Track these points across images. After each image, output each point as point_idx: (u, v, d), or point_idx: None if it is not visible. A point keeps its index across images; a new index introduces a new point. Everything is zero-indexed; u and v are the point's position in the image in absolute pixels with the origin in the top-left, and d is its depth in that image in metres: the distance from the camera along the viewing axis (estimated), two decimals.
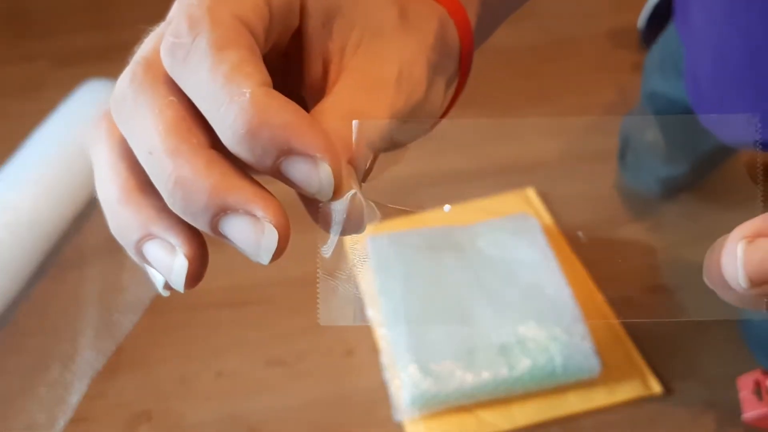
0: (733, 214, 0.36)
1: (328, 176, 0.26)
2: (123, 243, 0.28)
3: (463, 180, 1.07)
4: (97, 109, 0.30)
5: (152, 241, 0.27)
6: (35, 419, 0.81)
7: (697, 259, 0.30)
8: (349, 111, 0.28)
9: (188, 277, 0.27)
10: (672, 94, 0.89)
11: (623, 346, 0.83)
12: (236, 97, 0.24)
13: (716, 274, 0.26)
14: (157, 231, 0.27)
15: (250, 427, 0.79)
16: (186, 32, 0.26)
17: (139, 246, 0.27)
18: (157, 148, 0.25)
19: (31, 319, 0.92)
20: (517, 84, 1.25)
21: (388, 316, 0.84)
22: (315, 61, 0.30)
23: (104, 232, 0.29)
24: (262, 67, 0.26)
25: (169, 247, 0.27)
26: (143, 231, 0.27)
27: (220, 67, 0.25)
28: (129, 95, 0.26)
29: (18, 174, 0.97)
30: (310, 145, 0.25)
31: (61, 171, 0.99)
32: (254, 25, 0.27)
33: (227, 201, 0.25)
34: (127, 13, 1.56)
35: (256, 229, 0.26)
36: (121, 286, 0.96)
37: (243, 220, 0.25)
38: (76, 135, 1.03)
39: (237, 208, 0.25)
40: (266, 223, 0.25)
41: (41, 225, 0.95)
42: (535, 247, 0.89)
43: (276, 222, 0.26)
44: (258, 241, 0.26)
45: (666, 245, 0.96)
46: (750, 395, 0.71)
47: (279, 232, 0.26)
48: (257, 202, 0.25)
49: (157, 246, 0.27)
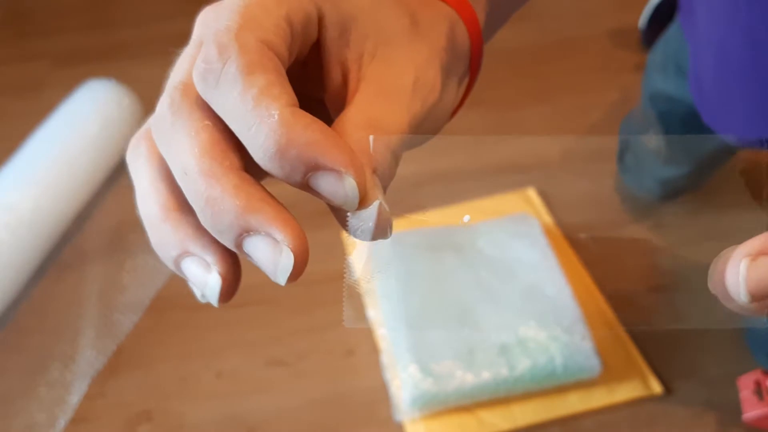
0: (732, 216, 0.36)
1: (353, 189, 0.28)
2: (162, 257, 0.30)
3: (464, 180, 1.08)
4: (139, 128, 0.32)
5: (189, 258, 0.29)
6: (35, 419, 0.81)
7: (696, 258, 0.30)
8: (370, 120, 0.30)
9: (222, 292, 0.29)
10: (674, 93, 0.89)
11: (623, 346, 0.83)
12: (265, 118, 0.26)
13: (720, 285, 0.28)
14: (193, 249, 0.29)
15: (249, 427, 0.79)
16: (216, 59, 0.28)
17: (177, 262, 0.29)
18: (191, 169, 0.27)
19: (32, 318, 0.93)
20: (519, 83, 1.25)
21: (388, 317, 0.84)
22: (334, 70, 0.32)
23: (104, 233, 0.29)
24: (289, 87, 0.28)
25: (205, 264, 0.29)
26: (181, 248, 0.29)
27: (250, 91, 0.27)
28: (168, 118, 0.28)
29: (18, 174, 0.97)
30: (335, 160, 0.27)
31: (61, 171, 0.99)
32: (278, 47, 0.28)
33: (250, 222, 0.27)
34: (127, 14, 1.57)
35: (274, 250, 0.27)
36: (121, 286, 0.96)
37: (263, 242, 0.27)
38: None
39: (259, 230, 0.27)
40: (284, 246, 0.27)
41: (42, 225, 0.95)
42: (535, 247, 0.89)
43: (293, 246, 0.27)
44: (276, 262, 0.27)
45: (666, 245, 0.96)
46: (750, 395, 0.71)
47: (296, 255, 0.27)
48: (277, 225, 0.27)
49: (193, 263, 0.29)
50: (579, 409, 0.77)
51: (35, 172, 0.98)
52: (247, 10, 0.28)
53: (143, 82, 1.34)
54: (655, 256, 0.93)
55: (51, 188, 0.97)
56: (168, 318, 0.92)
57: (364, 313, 0.84)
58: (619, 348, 0.82)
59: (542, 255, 0.88)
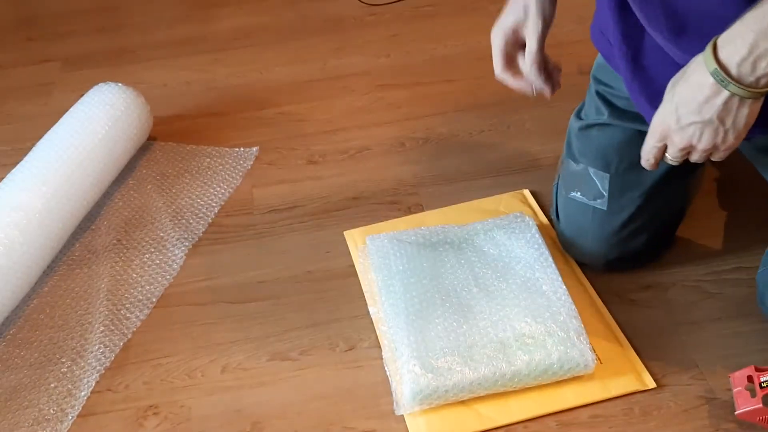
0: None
1: None
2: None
3: (462, 180, 1.09)
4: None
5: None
6: (45, 412, 0.82)
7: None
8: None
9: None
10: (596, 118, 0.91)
11: (618, 342, 0.84)
12: None
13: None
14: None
15: (254, 421, 0.81)
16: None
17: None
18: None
19: (42, 314, 0.94)
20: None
21: (388, 313, 0.85)
22: None
23: (113, 231, 0.31)
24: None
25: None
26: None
27: None
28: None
29: (29, 174, 0.99)
30: None
31: (71, 171, 1.01)
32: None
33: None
34: (135, 18, 1.59)
35: None
36: (129, 283, 0.98)
37: None
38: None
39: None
40: None
41: (52, 224, 0.96)
42: (531, 246, 0.90)
43: None
44: None
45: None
46: (743, 391, 0.73)
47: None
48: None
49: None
50: (574, 403, 0.78)
51: (45, 173, 0.99)
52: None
53: (150, 85, 1.37)
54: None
55: (61, 188, 0.99)
56: (174, 314, 0.93)
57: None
58: (613, 343, 0.84)
59: (538, 253, 0.89)
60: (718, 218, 0.98)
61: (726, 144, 0.65)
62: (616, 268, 0.91)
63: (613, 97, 0.89)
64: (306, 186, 1.11)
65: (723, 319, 0.86)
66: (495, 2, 1.51)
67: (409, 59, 1.37)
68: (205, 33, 1.51)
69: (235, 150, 1.18)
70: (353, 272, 0.96)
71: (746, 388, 0.73)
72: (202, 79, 1.37)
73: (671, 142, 0.68)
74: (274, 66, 1.40)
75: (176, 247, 1.01)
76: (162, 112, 1.25)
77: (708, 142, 0.65)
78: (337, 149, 1.17)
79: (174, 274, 0.98)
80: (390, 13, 1.48)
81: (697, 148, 0.67)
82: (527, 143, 1.15)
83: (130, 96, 1.13)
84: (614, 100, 0.88)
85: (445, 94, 1.27)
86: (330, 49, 1.42)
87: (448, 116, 1.22)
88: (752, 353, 0.82)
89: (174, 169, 1.15)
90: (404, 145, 1.17)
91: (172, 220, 1.06)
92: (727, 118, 0.63)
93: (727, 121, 0.63)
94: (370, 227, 1.01)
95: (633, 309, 0.88)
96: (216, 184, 1.12)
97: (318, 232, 1.03)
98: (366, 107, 1.26)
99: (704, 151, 0.67)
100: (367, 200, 1.07)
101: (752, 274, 0.87)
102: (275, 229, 1.04)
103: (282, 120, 1.25)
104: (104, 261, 1.00)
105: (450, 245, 0.92)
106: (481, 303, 0.84)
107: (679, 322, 0.86)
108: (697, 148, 0.67)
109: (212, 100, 1.31)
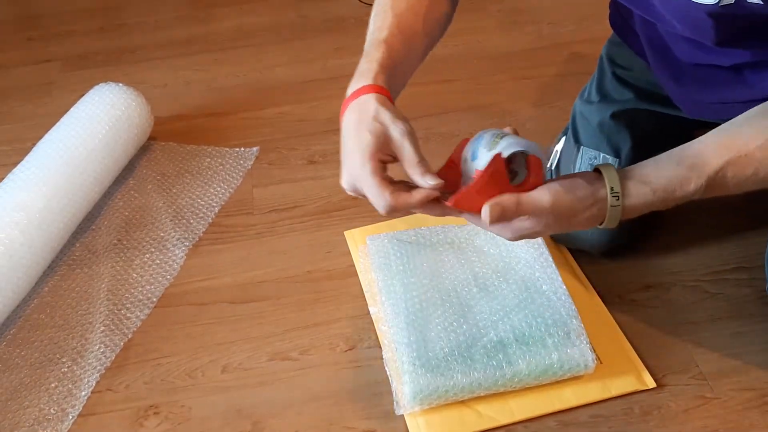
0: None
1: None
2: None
3: None
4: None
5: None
6: (46, 412, 0.83)
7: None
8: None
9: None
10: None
11: (618, 342, 0.84)
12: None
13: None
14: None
15: (254, 421, 0.81)
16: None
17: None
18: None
19: (42, 315, 0.94)
20: (515, 87, 1.27)
21: (388, 313, 0.85)
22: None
23: (113, 231, 0.31)
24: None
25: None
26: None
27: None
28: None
29: (29, 175, 0.99)
30: None
31: (71, 171, 1.01)
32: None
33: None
34: (135, 19, 1.59)
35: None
36: (130, 283, 0.98)
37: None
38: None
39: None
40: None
41: (52, 224, 0.97)
42: (531, 246, 0.90)
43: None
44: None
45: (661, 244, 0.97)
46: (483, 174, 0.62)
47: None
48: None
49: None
50: (574, 403, 0.79)
51: (46, 173, 0.99)
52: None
53: (151, 85, 1.37)
54: (647, 254, 0.94)
55: (61, 188, 0.99)
56: (175, 314, 0.93)
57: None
58: (613, 343, 0.84)
59: (538, 253, 0.89)
60: (718, 218, 0.98)
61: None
62: (615, 255, 0.92)
63: (634, 79, 0.89)
64: (306, 186, 1.11)
65: (723, 319, 0.86)
66: (495, 2, 1.52)
67: None
68: (205, 33, 1.51)
69: (235, 150, 1.18)
70: (353, 272, 0.96)
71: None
72: (202, 79, 1.37)
73: (517, 229, 0.65)
74: (274, 66, 1.40)
75: (176, 247, 1.01)
76: (162, 112, 1.25)
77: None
78: (337, 149, 1.16)
79: (174, 274, 0.98)
80: None
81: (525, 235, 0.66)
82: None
83: (131, 96, 1.13)
84: (635, 82, 0.89)
85: (445, 94, 1.27)
86: (330, 49, 1.42)
87: (448, 116, 1.22)
88: (752, 353, 0.82)
89: (174, 169, 1.15)
90: None
91: (172, 220, 1.06)
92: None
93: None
94: (370, 227, 1.01)
95: (633, 309, 0.88)
96: (216, 184, 1.12)
97: (318, 232, 1.03)
98: None
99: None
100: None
101: (752, 274, 0.87)
102: (275, 229, 1.04)
103: (282, 120, 1.25)
104: (105, 261, 1.00)
105: (450, 245, 0.92)
106: (481, 303, 0.84)
107: (679, 322, 0.86)
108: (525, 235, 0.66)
109: (212, 100, 1.31)
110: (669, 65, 0.80)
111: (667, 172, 0.63)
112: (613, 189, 0.62)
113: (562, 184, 0.63)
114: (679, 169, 0.63)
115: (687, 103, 0.82)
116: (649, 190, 0.63)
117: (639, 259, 0.93)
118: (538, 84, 1.27)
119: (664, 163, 0.64)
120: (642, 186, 0.63)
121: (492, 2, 1.51)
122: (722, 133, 0.64)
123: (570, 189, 0.63)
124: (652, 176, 0.63)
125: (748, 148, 0.61)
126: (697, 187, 0.62)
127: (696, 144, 0.64)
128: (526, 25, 1.43)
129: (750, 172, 0.62)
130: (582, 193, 0.63)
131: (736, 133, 0.63)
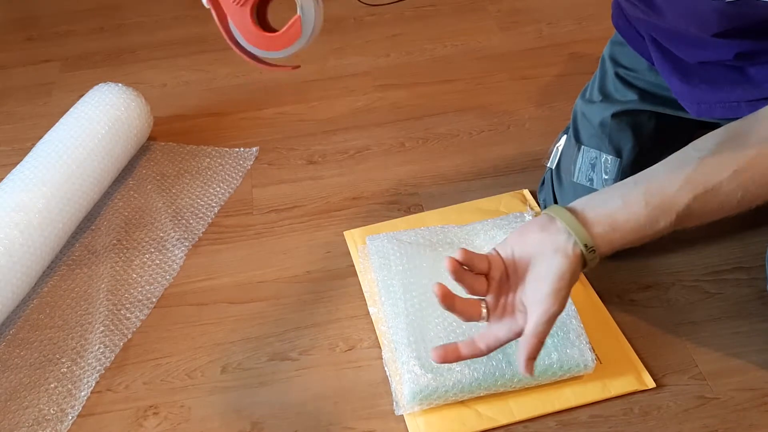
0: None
1: None
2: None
3: (462, 180, 1.09)
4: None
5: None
6: (45, 412, 0.83)
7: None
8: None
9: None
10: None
11: (617, 342, 0.84)
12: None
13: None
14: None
15: (254, 421, 0.81)
16: None
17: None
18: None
19: (42, 315, 0.94)
20: (516, 87, 1.27)
21: (388, 313, 0.85)
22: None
23: (113, 231, 0.31)
24: None
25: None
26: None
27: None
28: None
29: (29, 175, 0.99)
30: None
31: (71, 172, 1.01)
32: None
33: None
34: (135, 19, 1.58)
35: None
36: (129, 283, 0.98)
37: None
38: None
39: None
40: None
41: (51, 224, 0.96)
42: None
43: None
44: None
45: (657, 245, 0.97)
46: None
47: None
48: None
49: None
50: (574, 403, 0.79)
51: (46, 173, 0.99)
52: None
53: (150, 85, 1.37)
54: (646, 254, 0.94)
55: (61, 188, 0.99)
56: (174, 314, 0.93)
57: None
58: (612, 344, 0.84)
59: None
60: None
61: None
62: (614, 255, 0.92)
63: (637, 80, 0.89)
64: (306, 186, 1.11)
65: (723, 319, 0.86)
66: (495, 2, 1.52)
67: (409, 59, 1.37)
68: (205, 33, 1.51)
69: (235, 150, 1.18)
70: (353, 272, 0.96)
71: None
72: (202, 79, 1.37)
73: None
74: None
75: (176, 247, 1.01)
76: (162, 112, 1.25)
77: None
78: (337, 149, 1.18)
79: (174, 274, 0.98)
80: (390, 13, 1.48)
81: None
82: (527, 143, 1.15)
83: (130, 96, 1.13)
84: (638, 83, 0.90)
85: (445, 94, 1.27)
86: (330, 49, 1.42)
87: (448, 116, 1.22)
88: (752, 353, 0.82)
89: (174, 169, 1.15)
90: (404, 145, 1.17)
91: (172, 220, 1.06)
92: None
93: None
94: (370, 227, 1.01)
95: (633, 309, 0.88)
96: (216, 184, 1.12)
97: (318, 232, 1.03)
98: (366, 107, 1.26)
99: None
100: (366, 200, 1.07)
101: (752, 274, 0.87)
102: (275, 229, 1.04)
103: (282, 120, 1.25)
104: (104, 261, 1.00)
105: (450, 245, 0.92)
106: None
107: (679, 322, 0.86)
108: None
109: (212, 100, 1.31)
110: (674, 65, 0.80)
111: (635, 215, 0.64)
112: (587, 246, 0.64)
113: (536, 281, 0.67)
114: (647, 210, 0.64)
115: (693, 103, 0.82)
116: (619, 236, 0.65)
117: (638, 259, 0.93)
118: (538, 84, 1.27)
119: (633, 204, 0.64)
120: (612, 233, 0.65)
121: (492, 2, 1.51)
122: (686, 167, 0.64)
123: (544, 278, 0.66)
124: (620, 221, 0.64)
125: (713, 181, 0.62)
126: (666, 224, 0.64)
127: (662, 177, 0.64)
128: (526, 25, 1.43)
129: (715, 206, 0.64)
130: (556, 274, 0.66)
131: (701, 165, 0.63)
